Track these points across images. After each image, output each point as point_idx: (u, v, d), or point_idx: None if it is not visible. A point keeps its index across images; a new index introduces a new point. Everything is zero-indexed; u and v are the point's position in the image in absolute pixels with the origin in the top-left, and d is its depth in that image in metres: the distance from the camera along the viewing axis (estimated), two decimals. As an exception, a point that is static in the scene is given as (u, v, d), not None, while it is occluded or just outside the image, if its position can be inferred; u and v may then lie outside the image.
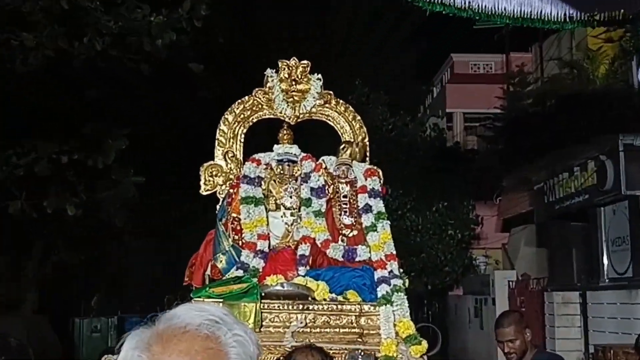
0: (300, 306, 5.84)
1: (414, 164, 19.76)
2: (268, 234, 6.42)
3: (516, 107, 20.31)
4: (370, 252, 6.37)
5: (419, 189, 19.08)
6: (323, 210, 6.54)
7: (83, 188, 11.16)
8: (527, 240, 20.18)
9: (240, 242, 6.33)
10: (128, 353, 1.63)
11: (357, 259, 6.36)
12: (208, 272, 6.35)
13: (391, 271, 6.19)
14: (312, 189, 6.60)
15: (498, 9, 4.79)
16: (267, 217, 6.47)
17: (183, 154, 17.23)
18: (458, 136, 28.00)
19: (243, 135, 6.98)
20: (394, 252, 6.37)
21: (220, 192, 6.76)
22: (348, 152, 6.79)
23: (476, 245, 21.61)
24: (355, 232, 6.54)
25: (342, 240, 6.52)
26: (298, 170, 6.74)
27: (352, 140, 7.04)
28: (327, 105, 7.12)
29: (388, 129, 19.73)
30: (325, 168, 6.75)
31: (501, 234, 21.99)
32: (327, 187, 6.63)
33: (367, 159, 7.18)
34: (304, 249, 6.36)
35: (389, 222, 6.59)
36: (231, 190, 6.59)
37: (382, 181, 6.91)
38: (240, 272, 6.06)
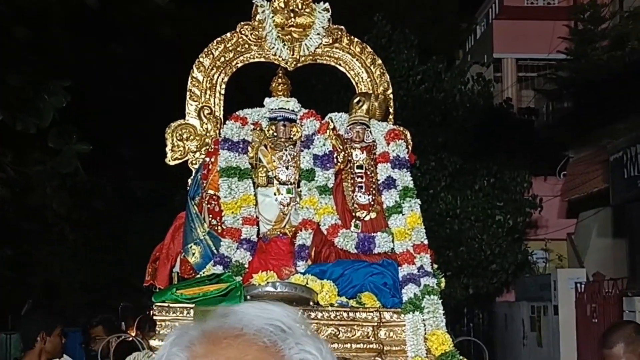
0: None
1: (451, 128, 19.55)
2: (256, 217, 6.39)
3: (587, 52, 20.18)
4: (393, 241, 6.35)
5: (458, 161, 18.97)
6: (330, 186, 6.51)
7: (10, 159, 11.10)
8: (601, 229, 20.06)
9: (219, 229, 6.33)
10: (165, 349, 1.69)
11: (375, 251, 6.34)
12: (176, 269, 6.37)
13: (421, 267, 6.21)
14: (315, 156, 6.56)
15: None
16: (255, 194, 6.45)
17: (142, 114, 17.14)
18: (509, 90, 27.83)
19: (224, 85, 6.90)
20: (426, 242, 6.38)
21: (193, 162, 6.75)
22: (364, 107, 6.72)
23: (533, 236, 21.53)
24: (373, 215, 6.54)
25: (356, 226, 6.48)
26: (297, 131, 6.69)
27: (370, 91, 6.93)
28: (336, 44, 7.06)
29: (416, 81, 19.42)
30: (334, 129, 6.67)
31: (566, 221, 21.96)
32: (335, 155, 6.58)
33: (391, 117, 7.11)
34: (305, 238, 6.34)
35: (418, 200, 6.57)
36: (207, 159, 6.56)
37: (410, 147, 6.87)
38: (219, 269, 6.07)
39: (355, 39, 7.14)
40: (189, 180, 6.64)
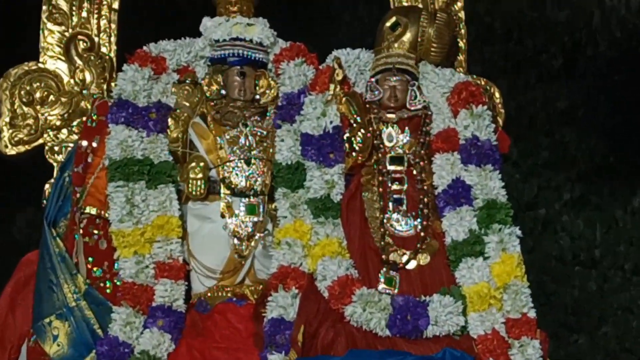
0: None
1: (584, 80, 16.78)
2: (185, 262, 5.12)
3: None
4: (465, 312, 5.10)
5: (597, 150, 16.07)
6: (337, 198, 5.18)
7: None
8: None
9: (106, 285, 5.15)
10: None
11: (429, 332, 5.02)
12: (20, 370, 5.09)
13: (522, 366, 4.91)
14: (307, 138, 5.23)
15: None
16: (182, 216, 5.20)
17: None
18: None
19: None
20: (533, 315, 5.10)
21: (56, 149, 5.73)
22: (407, 38, 5.39)
23: None
24: (424, 258, 5.23)
25: (389, 281, 5.18)
26: (269, 87, 5.41)
27: (419, 5, 5.87)
28: None
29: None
30: (345, 81, 5.33)
31: None
32: (348, 135, 5.28)
33: (461, 57, 5.96)
34: (284, 304, 5.02)
35: (517, 230, 5.21)
36: (84, 144, 5.34)
37: (500, 119, 5.87)
38: (107, 368, 4.77)
39: None
40: (47, 187, 5.52)
